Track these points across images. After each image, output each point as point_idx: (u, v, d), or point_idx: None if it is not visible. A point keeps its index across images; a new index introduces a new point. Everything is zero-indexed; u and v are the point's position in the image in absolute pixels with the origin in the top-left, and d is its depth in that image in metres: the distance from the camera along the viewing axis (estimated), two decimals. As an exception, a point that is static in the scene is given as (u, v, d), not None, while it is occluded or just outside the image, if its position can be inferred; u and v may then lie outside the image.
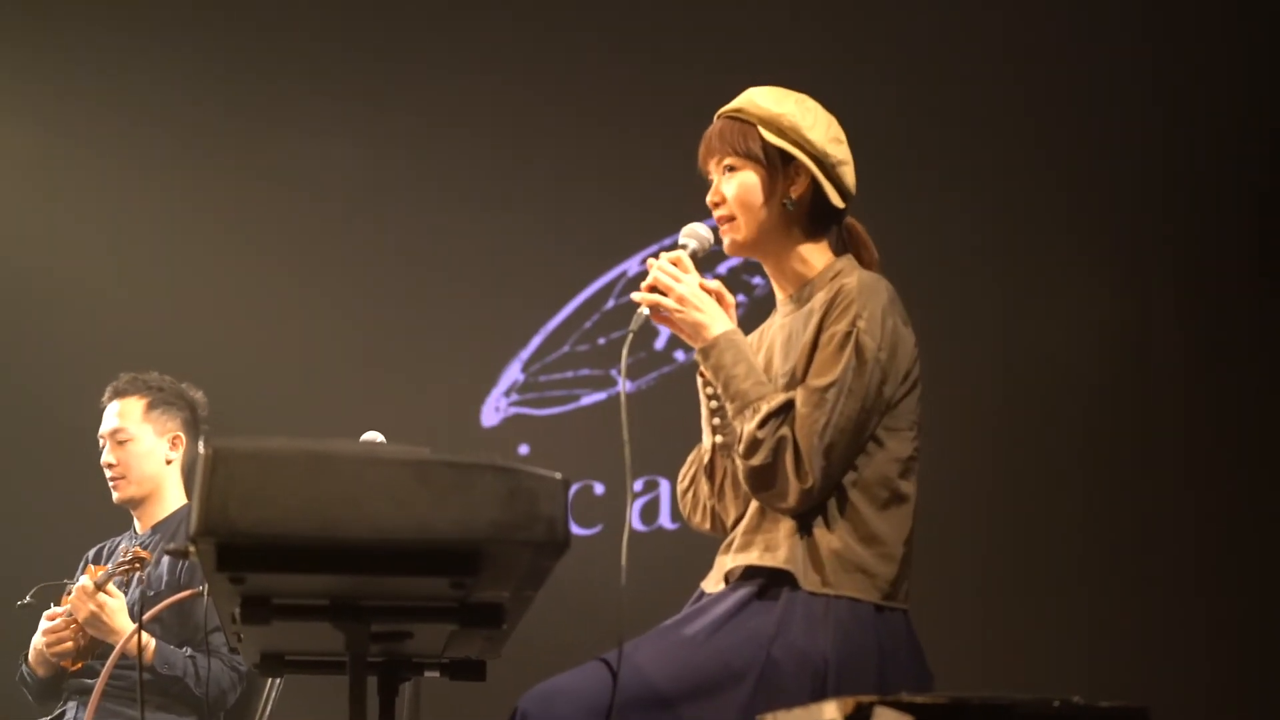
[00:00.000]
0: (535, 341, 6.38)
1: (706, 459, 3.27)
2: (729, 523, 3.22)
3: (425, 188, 6.40)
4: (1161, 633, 5.69)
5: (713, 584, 3.18)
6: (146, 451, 4.86)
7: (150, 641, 4.51)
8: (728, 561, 3.15)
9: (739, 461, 3.05)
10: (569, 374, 6.34)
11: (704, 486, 3.27)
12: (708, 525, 3.29)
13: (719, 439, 3.24)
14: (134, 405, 4.88)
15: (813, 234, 3.20)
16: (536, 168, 6.36)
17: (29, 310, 6.41)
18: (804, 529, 3.02)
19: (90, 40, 6.52)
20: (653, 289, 3.13)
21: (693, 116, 3.34)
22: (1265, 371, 5.82)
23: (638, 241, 6.21)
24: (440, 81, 6.43)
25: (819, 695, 2.88)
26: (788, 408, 3.00)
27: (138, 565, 4.53)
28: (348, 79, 6.45)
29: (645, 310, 3.13)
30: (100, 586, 4.50)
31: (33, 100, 6.49)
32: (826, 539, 3.01)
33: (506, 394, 6.37)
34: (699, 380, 3.27)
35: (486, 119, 6.41)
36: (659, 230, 5.94)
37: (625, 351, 3.07)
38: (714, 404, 3.24)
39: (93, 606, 4.50)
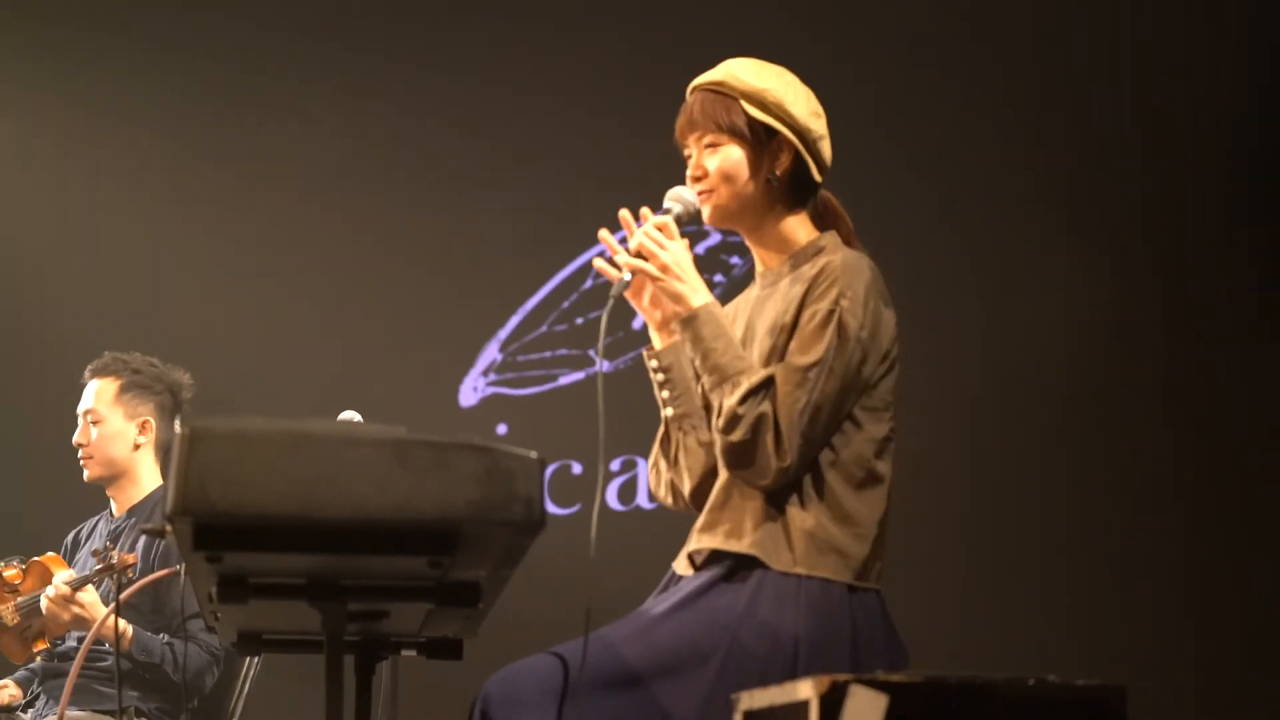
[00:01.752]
0: (513, 321, 6.38)
1: (661, 431, 3.27)
2: (686, 492, 3.21)
3: (403, 169, 6.39)
4: (1141, 614, 5.71)
5: (682, 565, 3.18)
6: (115, 434, 4.84)
7: (128, 629, 4.49)
8: (692, 542, 3.15)
9: (717, 437, 3.04)
10: (547, 354, 6.34)
11: (663, 461, 3.27)
12: (670, 500, 3.28)
13: (670, 411, 3.24)
14: (108, 387, 4.87)
15: (793, 208, 3.19)
16: (514, 148, 6.35)
17: (9, 294, 6.39)
18: (777, 509, 3.02)
19: (70, 31, 6.50)
20: (637, 254, 3.12)
21: (670, 97, 3.33)
22: (1247, 353, 5.84)
23: (615, 222, 6.19)
24: (417, 66, 6.42)
25: (789, 675, 2.87)
26: (768, 384, 3.00)
27: (121, 568, 4.49)
28: (326, 67, 6.44)
29: (628, 275, 3.12)
30: (77, 589, 4.49)
31: (11, 92, 6.46)
32: (800, 518, 3.01)
33: (484, 374, 6.37)
34: (645, 353, 3.27)
35: (464, 99, 6.41)
36: (636, 210, 5.92)
37: (605, 316, 3.05)
38: (660, 376, 3.24)
39: (75, 609, 4.49)
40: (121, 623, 4.44)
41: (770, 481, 3.00)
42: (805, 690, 2.31)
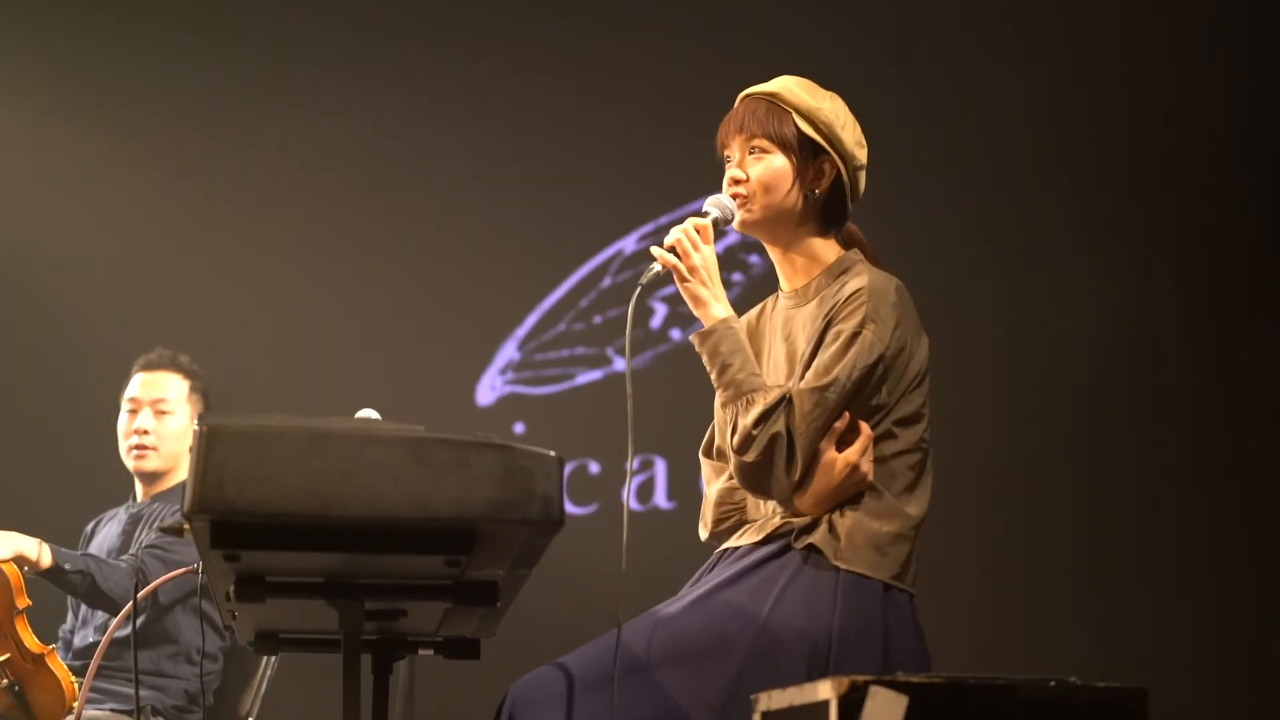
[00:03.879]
0: (531, 320, 6.37)
1: None
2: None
3: (422, 166, 6.38)
4: (1163, 616, 5.69)
5: (738, 536, 3.16)
6: (182, 430, 4.76)
7: (44, 546, 4.38)
8: (766, 512, 3.13)
9: (731, 455, 3.05)
10: (565, 353, 6.33)
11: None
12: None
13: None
14: (179, 382, 4.81)
15: (822, 229, 3.20)
16: (533, 146, 6.35)
17: (25, 289, 6.40)
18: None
19: (88, 21, 6.50)
20: (672, 249, 3.13)
21: (690, 96, 3.34)
22: (1272, 356, 5.82)
23: (633, 220, 6.19)
24: (437, 60, 6.41)
25: (817, 668, 2.89)
26: (781, 403, 3.01)
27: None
28: (346, 58, 6.43)
29: (658, 267, 3.13)
30: None
31: (31, 81, 6.46)
32: (838, 516, 3.02)
33: (502, 372, 6.36)
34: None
35: (484, 97, 6.40)
36: (655, 209, 5.93)
37: (632, 305, 3.08)
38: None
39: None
40: (38, 546, 4.31)
41: (780, 499, 3.04)
42: (825, 691, 2.30)
